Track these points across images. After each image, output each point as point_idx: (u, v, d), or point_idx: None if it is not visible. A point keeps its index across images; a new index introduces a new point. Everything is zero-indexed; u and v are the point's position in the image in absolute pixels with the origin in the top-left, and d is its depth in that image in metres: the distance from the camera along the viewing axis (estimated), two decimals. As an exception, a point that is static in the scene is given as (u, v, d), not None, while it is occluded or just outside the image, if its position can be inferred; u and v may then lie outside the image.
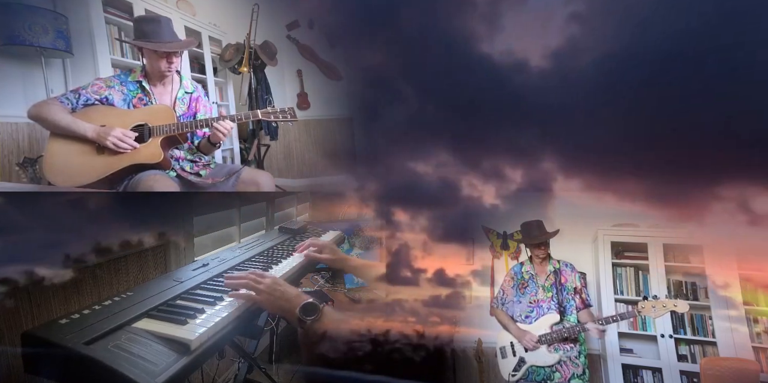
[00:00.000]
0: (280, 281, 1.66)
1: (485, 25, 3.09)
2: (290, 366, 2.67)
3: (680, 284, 3.24)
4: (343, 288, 3.01)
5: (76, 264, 1.83)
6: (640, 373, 3.15)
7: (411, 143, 3.25)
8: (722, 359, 2.89)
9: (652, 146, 2.83)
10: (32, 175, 2.69)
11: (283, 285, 1.63)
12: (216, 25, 4.07)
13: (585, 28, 2.94)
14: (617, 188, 2.96)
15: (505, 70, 3.07)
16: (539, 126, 3.05)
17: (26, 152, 2.84)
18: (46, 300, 1.74)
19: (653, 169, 2.88)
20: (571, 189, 3.13)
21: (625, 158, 2.90)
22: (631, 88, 2.84)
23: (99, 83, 2.43)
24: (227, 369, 2.63)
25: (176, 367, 1.25)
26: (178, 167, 2.51)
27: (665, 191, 2.88)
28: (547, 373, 2.59)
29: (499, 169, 3.20)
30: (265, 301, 1.59)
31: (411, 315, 2.85)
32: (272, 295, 1.58)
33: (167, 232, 2.26)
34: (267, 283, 1.61)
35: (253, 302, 1.61)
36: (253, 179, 2.56)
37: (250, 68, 3.77)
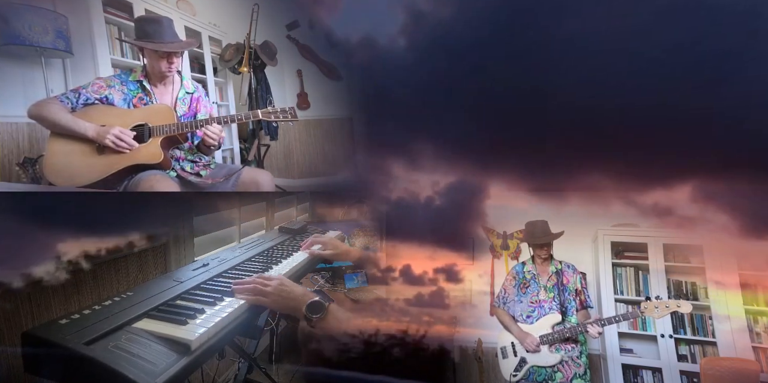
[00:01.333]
0: (286, 281, 1.69)
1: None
2: (290, 366, 2.67)
3: (680, 284, 3.24)
4: (343, 288, 3.01)
5: (76, 265, 1.83)
6: (640, 373, 3.15)
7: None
8: (722, 359, 2.89)
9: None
10: (32, 175, 2.69)
11: (289, 285, 1.66)
12: (216, 25, 4.07)
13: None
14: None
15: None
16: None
17: (26, 152, 2.83)
18: (46, 300, 1.74)
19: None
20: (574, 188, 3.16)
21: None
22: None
23: (99, 83, 2.42)
24: (227, 369, 2.63)
25: (176, 367, 1.25)
26: (178, 167, 2.50)
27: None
28: (549, 373, 2.59)
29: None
30: (274, 302, 1.62)
31: (411, 315, 2.85)
32: (280, 296, 1.61)
33: (167, 232, 2.26)
34: (274, 285, 1.64)
35: (262, 304, 1.64)
36: (254, 179, 2.55)
37: (250, 68, 3.77)
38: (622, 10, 2.71)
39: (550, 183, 3.18)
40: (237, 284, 1.70)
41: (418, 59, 3.09)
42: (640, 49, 2.69)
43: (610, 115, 2.75)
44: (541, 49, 2.81)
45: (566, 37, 2.75)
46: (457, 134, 3.09)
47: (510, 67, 2.89)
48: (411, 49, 3.10)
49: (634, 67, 2.73)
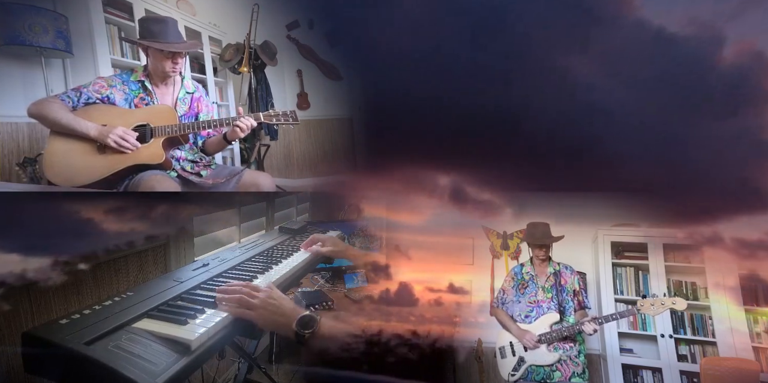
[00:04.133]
0: (276, 293, 1.56)
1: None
2: (290, 366, 2.67)
3: (680, 284, 3.24)
4: (343, 288, 3.01)
5: (76, 265, 1.83)
6: (640, 373, 3.15)
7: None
8: (722, 359, 2.90)
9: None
10: (32, 175, 2.69)
11: (278, 299, 1.54)
12: (216, 25, 4.07)
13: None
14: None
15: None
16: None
17: (26, 152, 2.84)
18: (46, 300, 1.74)
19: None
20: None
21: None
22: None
23: (101, 82, 2.42)
24: (227, 369, 2.63)
25: (176, 367, 1.25)
26: (179, 167, 2.50)
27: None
28: (547, 372, 2.59)
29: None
30: (260, 317, 1.50)
31: (411, 315, 2.85)
32: (267, 310, 1.50)
33: (167, 232, 2.26)
34: (261, 297, 1.52)
35: (247, 317, 1.51)
36: (254, 181, 2.55)
37: (250, 68, 3.77)
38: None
39: (548, 183, 3.19)
40: (221, 291, 1.57)
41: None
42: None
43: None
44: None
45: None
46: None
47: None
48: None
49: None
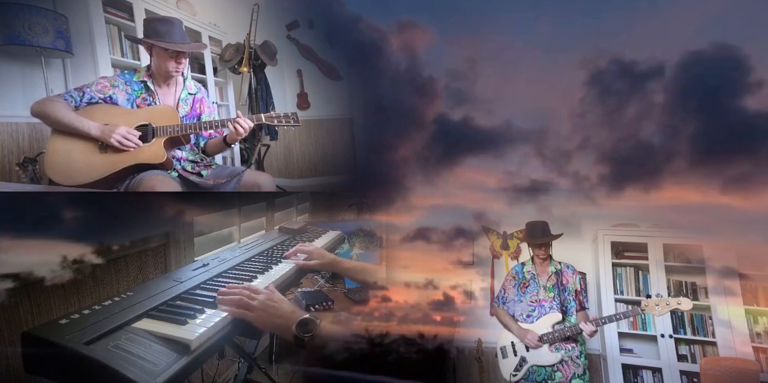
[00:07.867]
0: (275, 296, 1.58)
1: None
2: (290, 366, 2.67)
3: (680, 284, 3.24)
4: (343, 288, 3.01)
5: (76, 264, 1.83)
6: (640, 373, 3.15)
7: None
8: (722, 359, 2.89)
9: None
10: (32, 175, 2.69)
11: (277, 301, 1.55)
12: (216, 25, 4.07)
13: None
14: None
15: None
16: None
17: (26, 152, 2.83)
18: (46, 299, 1.74)
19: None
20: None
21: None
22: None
23: (104, 82, 2.42)
24: (227, 369, 2.63)
25: (176, 367, 1.25)
26: (180, 167, 2.50)
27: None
28: (548, 373, 2.59)
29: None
30: (259, 318, 1.51)
31: (411, 315, 2.85)
32: (266, 311, 1.51)
33: (167, 232, 2.26)
34: (261, 299, 1.53)
35: (246, 319, 1.53)
36: (255, 181, 2.56)
37: (250, 68, 3.77)
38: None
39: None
40: (222, 293, 1.60)
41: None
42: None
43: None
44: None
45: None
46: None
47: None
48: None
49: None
